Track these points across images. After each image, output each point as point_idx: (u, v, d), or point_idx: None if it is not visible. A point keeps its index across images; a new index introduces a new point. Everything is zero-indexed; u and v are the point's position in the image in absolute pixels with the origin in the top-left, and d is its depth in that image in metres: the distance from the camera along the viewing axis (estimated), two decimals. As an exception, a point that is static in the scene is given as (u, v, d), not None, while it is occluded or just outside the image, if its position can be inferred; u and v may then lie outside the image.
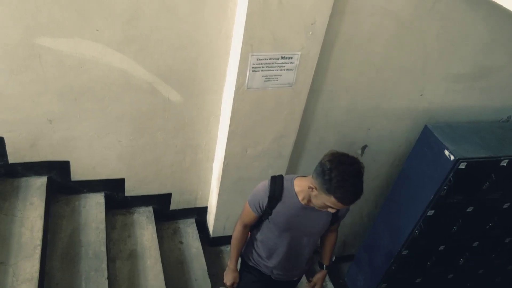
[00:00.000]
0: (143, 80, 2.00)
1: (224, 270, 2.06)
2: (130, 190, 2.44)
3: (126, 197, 2.46)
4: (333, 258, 3.52)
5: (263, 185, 1.78)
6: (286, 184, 1.76)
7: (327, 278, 3.36)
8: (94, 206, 2.33)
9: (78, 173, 2.27)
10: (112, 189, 2.40)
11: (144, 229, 2.44)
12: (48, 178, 2.21)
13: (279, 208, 1.75)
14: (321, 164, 1.54)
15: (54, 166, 2.20)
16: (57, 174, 2.23)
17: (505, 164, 2.41)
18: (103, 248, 2.14)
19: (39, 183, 2.18)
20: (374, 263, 3.05)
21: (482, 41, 2.35)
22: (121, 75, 1.96)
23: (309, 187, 1.60)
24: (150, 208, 2.55)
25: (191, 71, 2.03)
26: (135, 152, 2.27)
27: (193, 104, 2.16)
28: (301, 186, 1.73)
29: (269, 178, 1.79)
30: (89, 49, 1.84)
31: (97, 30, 1.79)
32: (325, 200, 1.56)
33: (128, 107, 2.08)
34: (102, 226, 2.24)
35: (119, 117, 2.10)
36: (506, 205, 2.70)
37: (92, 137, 2.15)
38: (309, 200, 1.70)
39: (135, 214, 2.51)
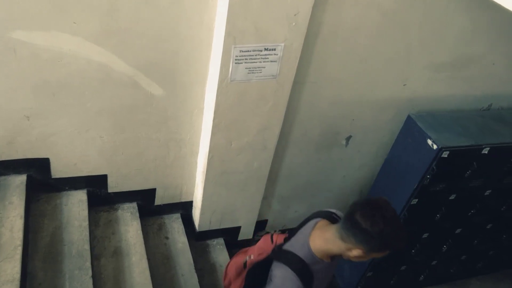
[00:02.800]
0: (123, 74, 1.95)
1: (211, 264, 2.04)
2: (113, 186, 2.39)
3: (109, 193, 2.41)
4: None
5: (292, 282, 1.47)
6: (308, 260, 1.49)
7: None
8: (76, 203, 2.28)
9: (58, 170, 2.22)
10: (95, 185, 2.35)
11: (129, 225, 2.41)
12: (27, 176, 2.15)
13: (315, 285, 1.53)
14: (363, 231, 1.34)
15: (33, 163, 2.14)
16: (36, 171, 2.18)
17: (486, 152, 2.45)
18: (87, 246, 2.10)
19: (18, 181, 2.12)
20: (360, 252, 3.07)
21: (463, 30, 2.36)
22: (101, 69, 1.90)
23: (356, 256, 1.42)
24: (134, 204, 2.51)
25: (173, 64, 1.99)
26: (117, 148, 2.22)
27: (176, 97, 2.12)
28: (319, 245, 1.50)
29: (290, 270, 1.47)
30: (66, 43, 1.78)
31: (74, 22, 1.73)
32: (373, 256, 1.42)
33: (109, 101, 2.03)
34: (85, 223, 2.20)
35: (99, 112, 2.05)
36: (487, 192, 2.76)
37: (72, 133, 2.09)
38: (329, 255, 1.53)
39: (119, 210, 2.47)
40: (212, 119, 2.10)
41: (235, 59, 1.89)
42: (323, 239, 1.49)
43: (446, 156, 2.35)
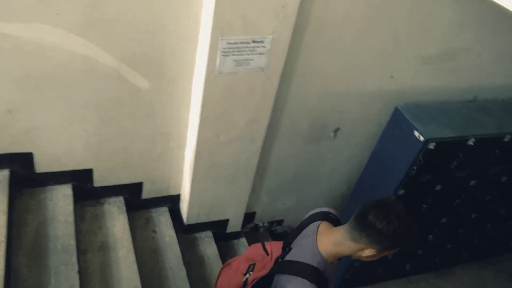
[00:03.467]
0: (108, 67, 1.91)
1: (199, 257, 2.01)
2: (99, 180, 2.36)
3: (95, 187, 2.38)
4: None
5: None
6: (321, 267, 1.46)
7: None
8: (61, 198, 2.24)
9: (42, 165, 2.17)
10: (80, 180, 2.31)
11: (115, 219, 2.38)
12: (10, 171, 2.10)
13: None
14: (378, 231, 1.35)
15: (16, 158, 2.09)
16: (20, 166, 2.13)
17: (472, 143, 2.49)
18: (72, 241, 2.07)
19: (1, 176, 2.07)
20: (347, 243, 3.10)
21: (450, 23, 2.37)
22: (85, 62, 1.86)
23: (368, 256, 1.43)
24: (121, 198, 2.48)
25: (159, 57, 1.95)
26: (102, 141, 2.18)
27: (163, 90, 2.09)
28: (329, 249, 1.48)
29: (307, 281, 1.42)
30: (49, 35, 1.73)
31: (57, 14, 1.68)
32: (384, 254, 1.44)
33: (94, 94, 1.99)
34: (71, 218, 2.16)
35: (84, 105, 2.01)
36: (472, 183, 2.80)
37: (56, 127, 2.05)
38: (338, 257, 1.52)
39: (105, 204, 2.44)
40: (199, 112, 2.07)
41: (223, 52, 1.87)
42: (332, 243, 1.48)
43: (432, 147, 2.38)
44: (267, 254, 1.65)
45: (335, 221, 1.63)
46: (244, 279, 1.67)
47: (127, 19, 1.78)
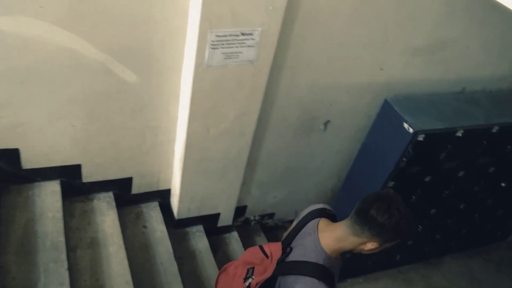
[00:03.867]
0: (95, 60, 1.88)
1: (190, 252, 2.00)
2: (88, 176, 2.33)
3: (84, 183, 2.35)
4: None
5: None
6: (327, 264, 1.48)
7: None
8: (49, 194, 2.20)
9: (29, 161, 2.13)
10: (68, 176, 2.28)
11: (105, 215, 2.35)
12: (-4, 168, 2.07)
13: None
14: (380, 225, 1.38)
15: (2, 154, 2.05)
16: (6, 163, 2.09)
17: (460, 135, 2.51)
18: (62, 238, 2.05)
19: (-13, 173, 2.04)
20: (338, 235, 3.12)
21: (439, 14, 2.37)
22: (71, 55, 1.82)
23: (370, 249, 1.46)
24: (111, 194, 2.46)
25: (147, 50, 1.92)
26: (90, 136, 2.15)
27: (151, 84, 2.06)
28: (332, 246, 1.50)
29: (315, 280, 1.43)
30: (33, 28, 1.69)
31: (40, 6, 1.64)
32: (385, 246, 1.47)
33: (81, 89, 1.96)
34: (59, 215, 2.14)
35: (71, 100, 1.98)
36: (461, 174, 2.83)
37: (43, 122, 2.01)
38: (341, 252, 1.54)
39: (95, 200, 2.41)
40: (188, 105, 2.05)
41: (211, 44, 1.84)
42: (334, 239, 1.49)
43: (421, 139, 2.39)
44: (267, 256, 1.63)
45: (332, 217, 1.65)
46: (247, 283, 1.63)
47: (113, 11, 1.75)
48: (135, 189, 2.54)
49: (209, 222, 2.80)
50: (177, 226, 2.70)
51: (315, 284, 1.42)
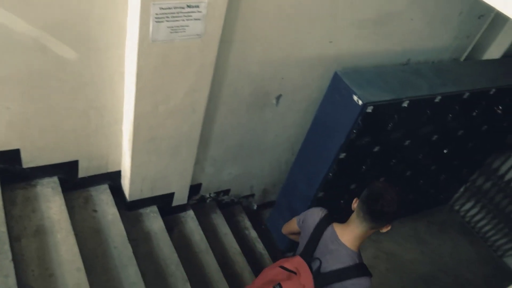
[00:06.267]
0: (28, 36, 1.72)
1: (145, 233, 1.96)
2: (28, 161, 2.18)
3: (24, 169, 2.20)
4: (255, 207, 3.62)
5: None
6: (360, 259, 1.72)
7: (249, 225, 3.46)
8: (-14, 183, 2.06)
9: (-40, 148, 1.97)
10: (6, 162, 2.12)
11: (51, 201, 2.23)
12: None
13: None
14: (393, 213, 1.61)
15: None
16: None
17: (406, 105, 2.59)
18: (3, 228, 1.92)
19: None
20: (293, 207, 3.19)
21: (385, -14, 2.40)
22: (0, 31, 1.66)
23: (386, 230, 1.69)
24: (55, 178, 2.33)
25: (85, 24, 1.79)
26: (28, 119, 2.01)
27: (92, 61, 1.93)
28: (357, 244, 1.72)
29: (368, 278, 1.68)
30: (-50, -1, 1.52)
31: (-43, -25, 1.47)
32: None
33: (13, 68, 1.80)
34: (-1, 204, 2.00)
35: (3, 80, 1.82)
36: (407, 142, 2.95)
37: (-28, 105, 1.85)
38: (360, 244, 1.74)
39: (38, 186, 2.28)
40: (135, 83, 1.95)
41: (155, 18, 1.75)
42: (355, 238, 1.69)
43: (370, 111, 2.45)
44: (293, 272, 1.74)
45: (331, 215, 1.85)
46: None
47: (44, -18, 1.60)
48: (82, 173, 2.42)
49: (163, 202, 2.75)
50: (129, 208, 2.62)
51: (367, 281, 1.67)
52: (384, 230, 1.68)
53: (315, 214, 1.84)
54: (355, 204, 1.71)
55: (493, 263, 4.03)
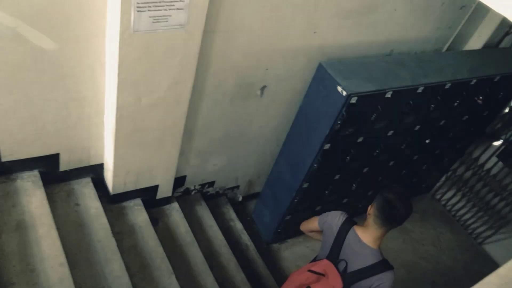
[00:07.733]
0: (3, 25, 1.67)
1: (129, 226, 1.97)
2: (7, 154, 2.13)
3: (3, 163, 2.15)
4: (240, 198, 3.62)
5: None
6: (382, 256, 1.92)
7: (234, 217, 3.46)
8: (-37, 177, 2.00)
9: None
10: (-16, 155, 2.07)
11: (31, 195, 2.19)
12: None
13: None
14: (408, 215, 1.88)
15: None
16: None
17: (389, 96, 2.61)
18: (-17, 224, 1.88)
19: None
20: (278, 198, 3.20)
21: (368, -23, 2.39)
22: (-28, 20, 1.61)
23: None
24: (36, 172, 2.28)
25: (64, 12, 1.74)
26: (6, 111, 1.95)
27: (72, 51, 1.88)
28: (378, 243, 1.94)
29: (393, 271, 1.91)
30: None
31: None
32: None
33: (-12, 58, 1.74)
34: (-23, 199, 1.95)
35: (-22, 71, 1.76)
36: (390, 133, 2.97)
37: None
38: (381, 243, 1.96)
39: (18, 180, 2.23)
40: (116, 74, 1.91)
41: (137, 7, 1.71)
42: (376, 239, 1.91)
43: (354, 102, 2.45)
44: (321, 274, 1.96)
45: (351, 219, 2.03)
46: None
47: (19, -31, 1.54)
48: (63, 166, 2.37)
49: (148, 195, 2.72)
50: (113, 201, 2.59)
51: (392, 273, 1.89)
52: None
53: (337, 218, 2.02)
54: (370, 210, 1.91)
55: (473, 250, 4.13)
